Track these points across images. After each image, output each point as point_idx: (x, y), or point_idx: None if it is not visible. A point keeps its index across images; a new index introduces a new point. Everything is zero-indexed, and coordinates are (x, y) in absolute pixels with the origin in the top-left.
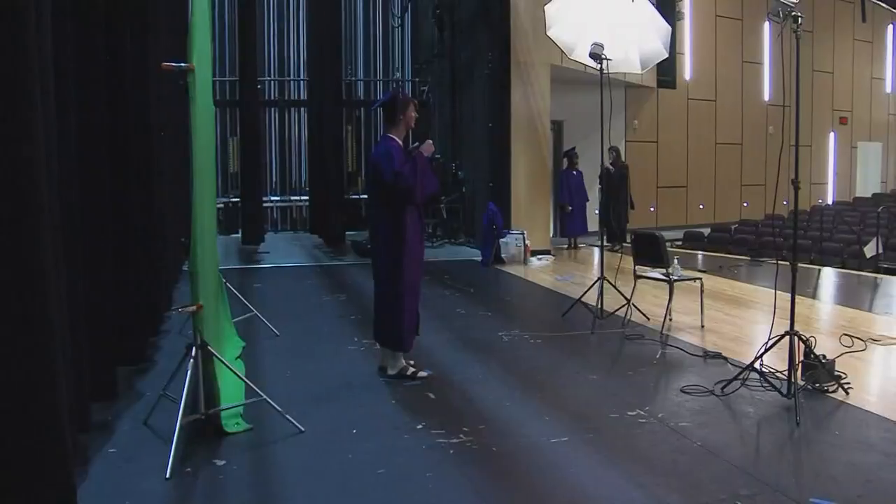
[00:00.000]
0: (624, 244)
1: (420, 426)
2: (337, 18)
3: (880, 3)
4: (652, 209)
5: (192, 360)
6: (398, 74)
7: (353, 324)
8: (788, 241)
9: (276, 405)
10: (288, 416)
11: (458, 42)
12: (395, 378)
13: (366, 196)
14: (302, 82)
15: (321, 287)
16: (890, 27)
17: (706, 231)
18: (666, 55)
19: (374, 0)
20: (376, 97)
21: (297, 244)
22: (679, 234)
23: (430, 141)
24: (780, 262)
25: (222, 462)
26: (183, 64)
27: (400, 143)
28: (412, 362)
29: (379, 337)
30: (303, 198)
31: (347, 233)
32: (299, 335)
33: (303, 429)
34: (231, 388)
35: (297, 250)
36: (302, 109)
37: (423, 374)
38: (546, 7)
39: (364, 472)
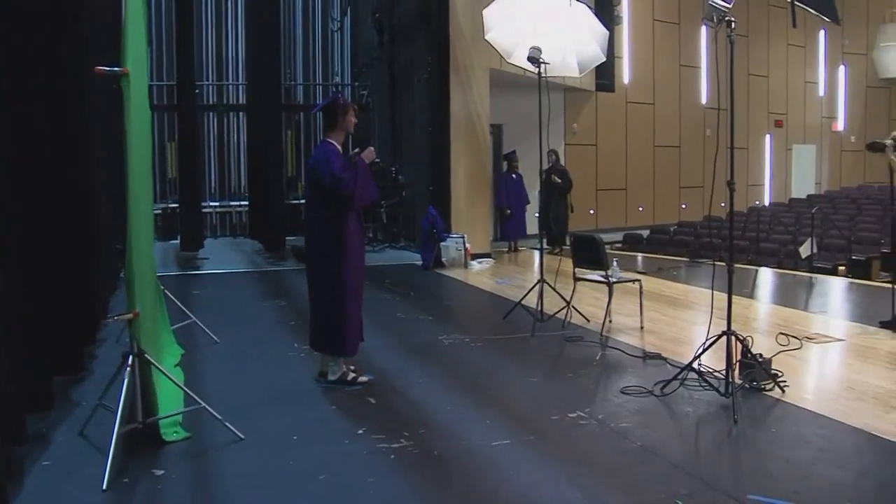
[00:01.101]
0: (564, 247)
1: (361, 431)
2: (275, 22)
3: (808, 9)
4: (591, 212)
5: (128, 369)
6: (338, 78)
7: (293, 330)
8: (726, 243)
9: (215, 413)
10: (228, 424)
11: (397, 46)
12: (336, 383)
13: (304, 201)
14: (241, 86)
15: (261, 293)
16: (822, 33)
17: (645, 233)
18: (604, 59)
19: (312, 4)
20: (316, 101)
21: (237, 250)
22: (619, 236)
23: (372, 147)
24: (717, 262)
25: (161, 472)
26: (117, 68)
27: (339, 147)
28: (353, 367)
29: (318, 344)
30: (242, 203)
31: (287, 238)
32: (239, 342)
33: (243, 436)
34: (170, 397)
35: (237, 256)
36: (241, 114)
37: (363, 378)
38: (484, 11)
39: (305, 479)
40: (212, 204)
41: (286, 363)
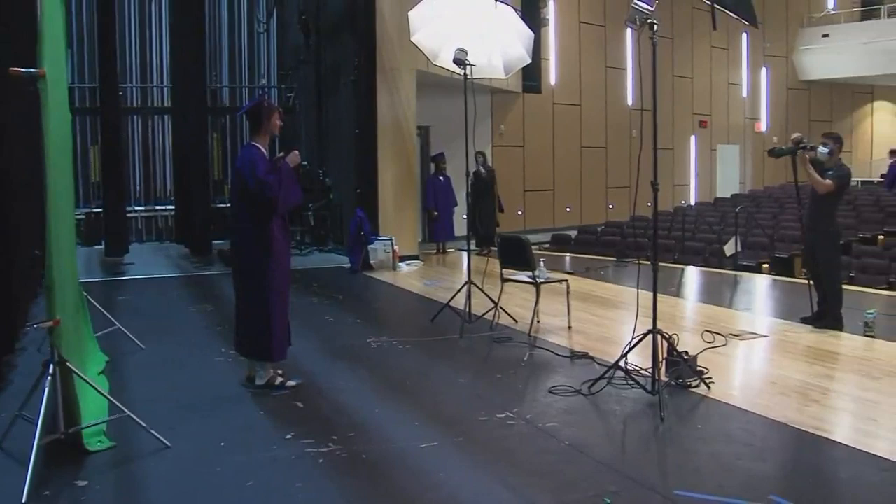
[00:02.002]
0: (493, 248)
1: (289, 436)
2: (200, 24)
3: (727, 12)
4: (519, 213)
5: (49, 378)
6: (264, 81)
7: (219, 335)
8: (653, 242)
9: (140, 421)
10: (153, 432)
11: (323, 48)
12: (264, 388)
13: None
14: (165, 89)
15: (187, 298)
16: (744, 36)
17: (573, 233)
18: (529, 61)
19: (238, 5)
20: (242, 104)
21: (163, 254)
22: (547, 236)
23: (296, 151)
24: (643, 262)
25: (84, 483)
26: (33, 69)
27: (264, 150)
28: (280, 371)
29: (243, 348)
30: (168, 207)
31: (214, 242)
32: (165, 348)
33: (169, 444)
34: (93, 405)
35: (163, 261)
36: (166, 116)
37: (291, 383)
38: (410, 13)
39: (232, 486)
40: (137, 208)
41: (213, 369)
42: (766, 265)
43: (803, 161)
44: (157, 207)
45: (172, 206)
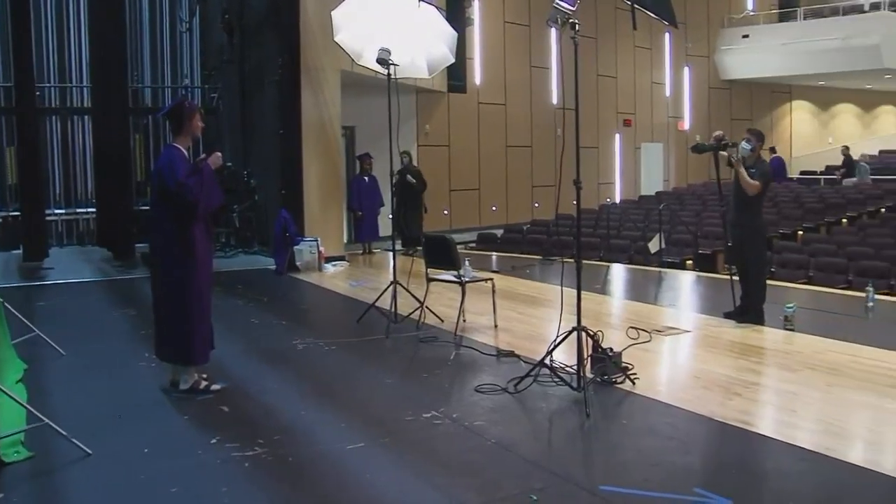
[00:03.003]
0: (419, 248)
1: (214, 441)
2: (121, 22)
3: (647, 12)
4: (445, 212)
5: None
6: (187, 81)
7: (143, 339)
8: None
9: (60, 429)
10: (74, 440)
11: (247, 48)
12: (188, 393)
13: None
14: (85, 89)
15: (110, 302)
16: (667, 35)
17: (499, 232)
18: (452, 60)
19: (160, 3)
20: (165, 104)
21: (85, 258)
22: (473, 236)
23: (219, 153)
24: (568, 260)
25: (0, 495)
26: None
27: (185, 152)
28: (205, 375)
29: (165, 353)
30: (89, 210)
31: (137, 245)
32: (86, 354)
33: (90, 452)
34: (10, 415)
35: (85, 265)
36: (86, 117)
37: (216, 386)
38: (333, 12)
39: (156, 493)
40: (57, 211)
41: (136, 374)
42: (689, 261)
43: (737, 164)
44: (78, 210)
45: (94, 209)
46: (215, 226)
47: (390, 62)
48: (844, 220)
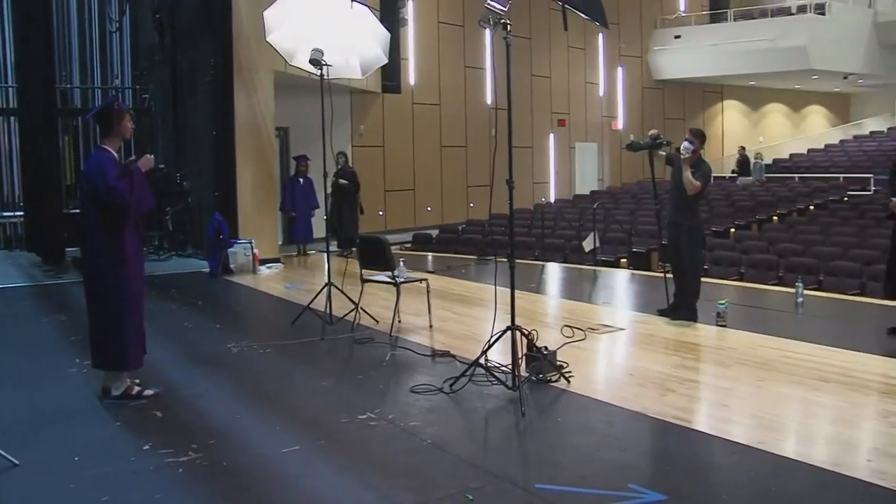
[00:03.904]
0: (353, 249)
1: (147, 447)
2: (48, 21)
3: (579, 13)
4: (381, 213)
5: None
6: (118, 81)
7: (73, 345)
8: (514, 240)
9: None
10: (0, 450)
11: (179, 48)
12: (120, 399)
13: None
14: (11, 89)
15: (39, 308)
16: (600, 36)
17: (435, 232)
18: (385, 61)
19: (88, 2)
20: (95, 105)
21: (13, 263)
22: (408, 236)
23: (150, 155)
24: (502, 259)
25: None
26: None
27: (115, 154)
28: (137, 381)
29: (97, 359)
30: (17, 213)
31: (68, 249)
32: (15, 361)
33: (17, 462)
34: None
35: (12, 270)
36: (12, 118)
37: (149, 392)
38: (265, 12)
39: (87, 502)
40: None
41: (67, 381)
42: (624, 259)
43: (683, 164)
44: (5, 214)
45: (22, 213)
46: (147, 229)
47: (323, 63)
48: (775, 218)
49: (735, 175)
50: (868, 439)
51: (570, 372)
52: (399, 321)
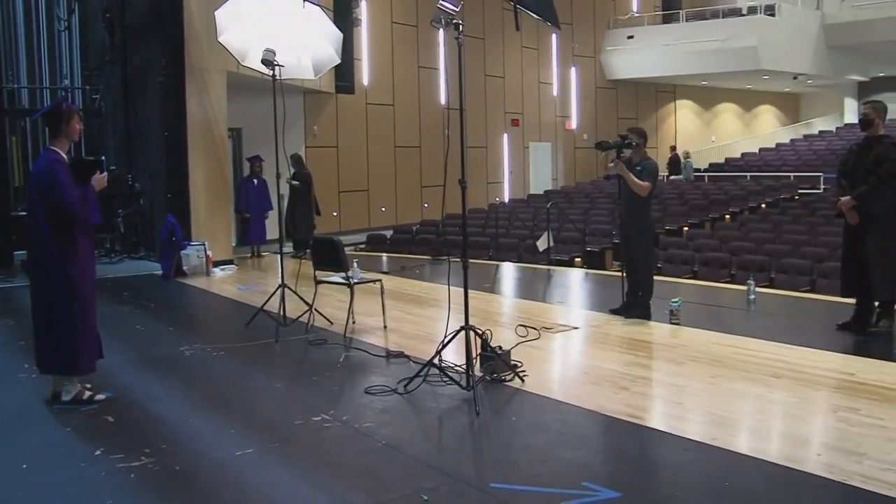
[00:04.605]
0: (308, 250)
1: (98, 452)
2: None
3: (531, 13)
4: (335, 213)
5: None
6: (67, 81)
7: (22, 350)
8: (468, 240)
9: None
10: None
11: (130, 47)
12: (71, 404)
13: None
14: None
15: None
16: (554, 36)
17: (389, 233)
18: (338, 61)
19: (35, 1)
20: (43, 105)
21: None
22: (363, 237)
23: (105, 174)
24: (455, 259)
25: None
26: None
27: (64, 156)
28: (88, 386)
29: (45, 364)
30: None
31: (16, 252)
32: None
33: None
34: None
35: None
36: None
37: (100, 396)
38: (216, 12)
39: None
40: None
41: (15, 386)
42: (578, 259)
43: (622, 170)
44: None
45: None
46: (98, 231)
47: (275, 63)
48: (728, 216)
49: (666, 175)
50: (818, 434)
51: (524, 371)
52: (353, 322)
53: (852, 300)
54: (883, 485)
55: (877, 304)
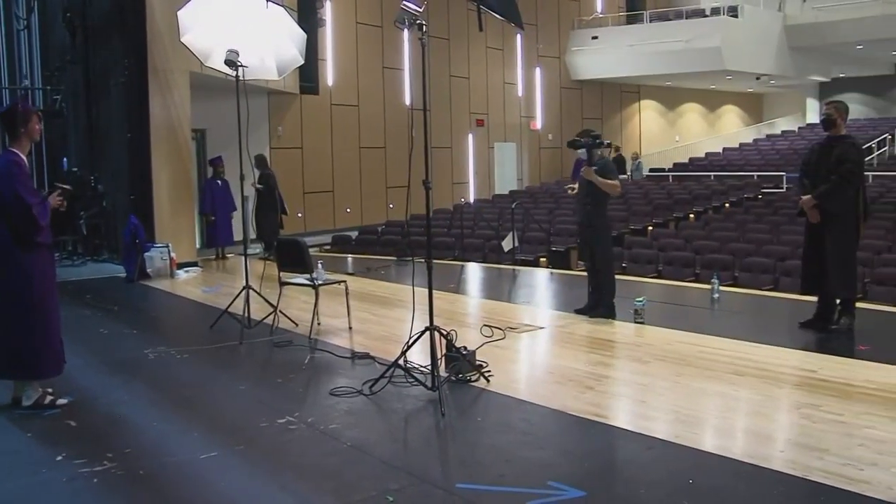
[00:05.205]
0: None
1: (60, 458)
2: None
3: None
4: (300, 215)
5: None
6: (27, 82)
7: None
8: (433, 240)
9: None
10: None
11: (92, 48)
12: (32, 409)
13: None
14: None
15: None
16: (518, 37)
17: (354, 234)
18: (302, 62)
19: None
20: (2, 106)
21: None
22: (328, 238)
23: (60, 196)
24: (420, 260)
25: None
26: None
27: (23, 157)
28: (50, 390)
29: (5, 369)
30: None
31: None
32: None
33: None
34: None
35: None
36: None
37: (62, 401)
38: (179, 13)
39: None
40: None
41: None
42: (543, 259)
43: (591, 175)
44: None
45: None
46: (60, 233)
47: (239, 64)
48: (692, 216)
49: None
50: (781, 431)
51: (489, 371)
52: (318, 324)
53: (814, 298)
54: (843, 479)
55: (838, 301)
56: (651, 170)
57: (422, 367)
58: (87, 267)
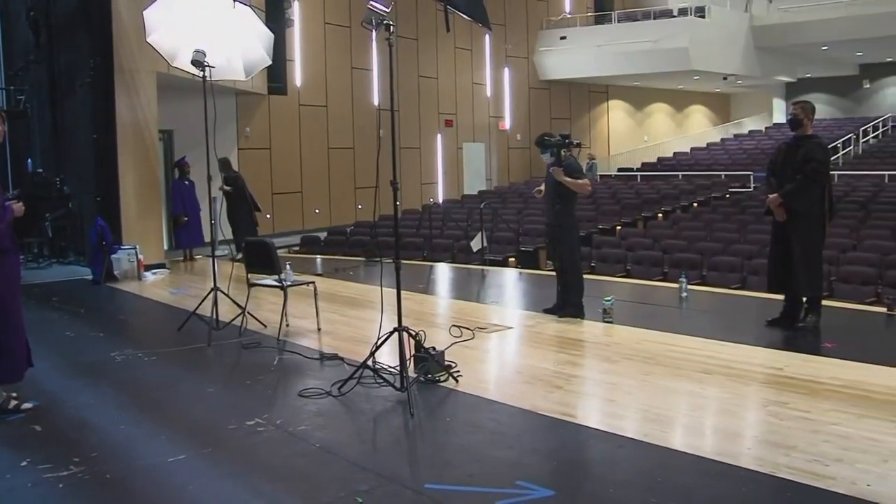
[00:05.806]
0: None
1: (25, 463)
2: None
3: (462, 14)
4: (268, 216)
5: None
6: None
7: None
8: (402, 241)
9: None
10: None
11: (56, 47)
12: None
13: None
14: None
15: None
16: (487, 37)
17: (323, 235)
18: (269, 62)
19: None
20: None
21: None
22: (296, 239)
23: (22, 205)
24: (388, 260)
25: None
26: None
27: None
28: (14, 394)
29: None
30: None
31: None
32: None
33: None
34: None
35: None
36: None
37: (27, 405)
38: (144, 12)
39: None
40: None
41: None
42: (512, 259)
43: (560, 176)
44: None
45: None
46: (24, 235)
47: (205, 64)
48: (660, 215)
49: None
50: (749, 428)
51: (458, 371)
52: (287, 325)
53: (781, 297)
54: (809, 476)
55: (804, 300)
56: (619, 169)
57: (391, 367)
58: (53, 269)
